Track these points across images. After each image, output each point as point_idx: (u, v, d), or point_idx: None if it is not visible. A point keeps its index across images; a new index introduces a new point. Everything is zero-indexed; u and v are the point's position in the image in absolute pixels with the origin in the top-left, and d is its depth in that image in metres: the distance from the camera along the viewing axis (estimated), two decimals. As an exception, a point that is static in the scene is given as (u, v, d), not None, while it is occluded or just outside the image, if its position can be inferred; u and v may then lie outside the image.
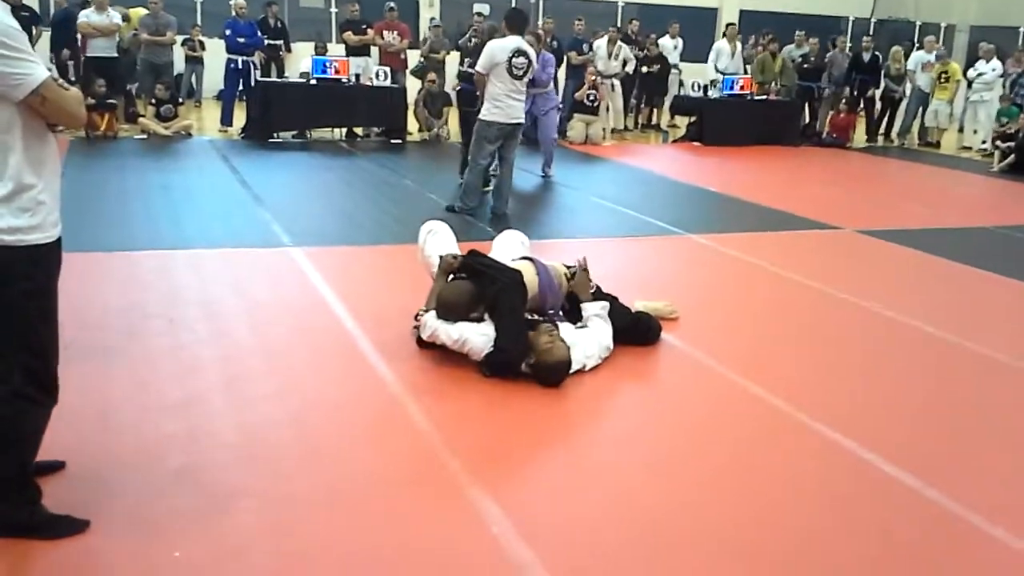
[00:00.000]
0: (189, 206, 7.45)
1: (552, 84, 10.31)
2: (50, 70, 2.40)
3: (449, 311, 4.11)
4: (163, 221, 6.82)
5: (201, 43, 13.37)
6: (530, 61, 7.29)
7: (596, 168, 11.03)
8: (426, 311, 4.21)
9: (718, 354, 4.48)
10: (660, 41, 14.30)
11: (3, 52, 2.22)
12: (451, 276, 4.29)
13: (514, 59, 7.13)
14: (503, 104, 7.23)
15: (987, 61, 13.81)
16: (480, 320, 4.09)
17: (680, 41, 14.47)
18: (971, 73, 13.97)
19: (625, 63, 13.48)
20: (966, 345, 4.88)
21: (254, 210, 7.36)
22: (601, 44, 13.33)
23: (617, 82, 13.39)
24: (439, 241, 4.67)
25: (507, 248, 4.84)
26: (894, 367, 4.54)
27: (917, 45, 14.22)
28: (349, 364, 4.16)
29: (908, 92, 14.15)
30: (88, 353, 3.97)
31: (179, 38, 12.31)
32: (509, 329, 3.98)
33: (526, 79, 7.34)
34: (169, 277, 5.38)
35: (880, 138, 14.29)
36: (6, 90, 2.26)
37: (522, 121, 7.51)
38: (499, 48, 7.18)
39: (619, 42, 13.40)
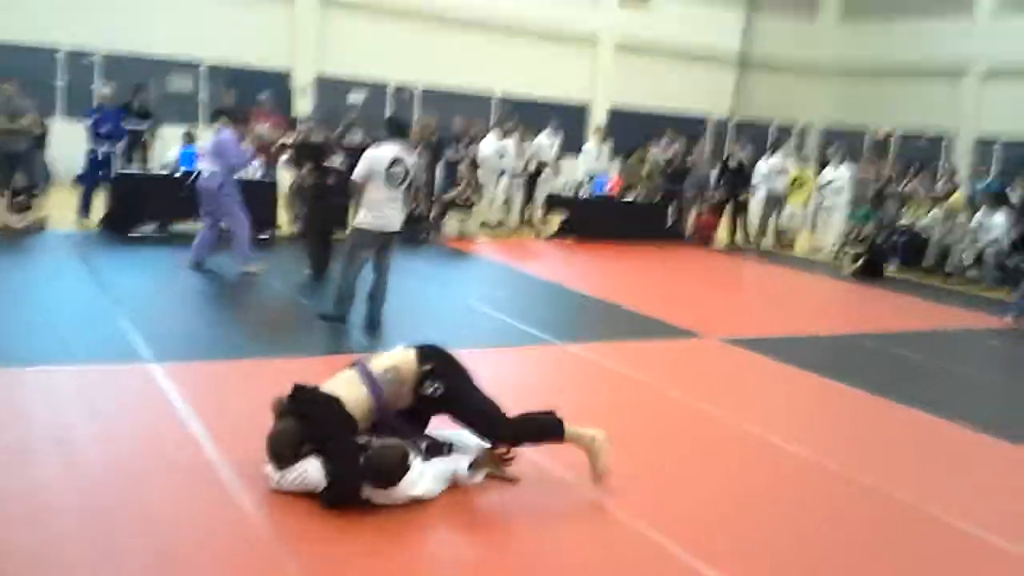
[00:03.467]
0: (41, 315, 7.00)
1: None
2: None
3: (279, 458, 4.04)
4: (10, 332, 6.39)
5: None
6: (407, 169, 7.30)
7: (470, 267, 11.11)
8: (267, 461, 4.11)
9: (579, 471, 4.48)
10: (537, 139, 14.65)
11: None
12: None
13: (392, 168, 7.12)
14: (380, 212, 7.18)
15: (835, 167, 14.70)
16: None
17: (557, 139, 14.87)
18: (821, 179, 14.82)
19: (529, 161, 14.07)
20: (824, 462, 5.06)
21: (112, 318, 6.98)
22: (508, 143, 13.76)
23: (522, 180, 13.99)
24: None
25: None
26: (748, 482, 4.64)
27: (771, 150, 15.03)
28: (215, 504, 3.94)
29: (759, 195, 14.83)
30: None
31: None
32: (334, 456, 3.94)
33: (403, 187, 7.34)
34: (15, 400, 5.02)
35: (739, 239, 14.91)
36: None
37: (398, 229, 7.49)
38: (377, 156, 7.17)
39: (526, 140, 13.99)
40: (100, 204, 11.02)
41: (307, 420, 4.07)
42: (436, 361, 4.30)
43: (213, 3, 15.83)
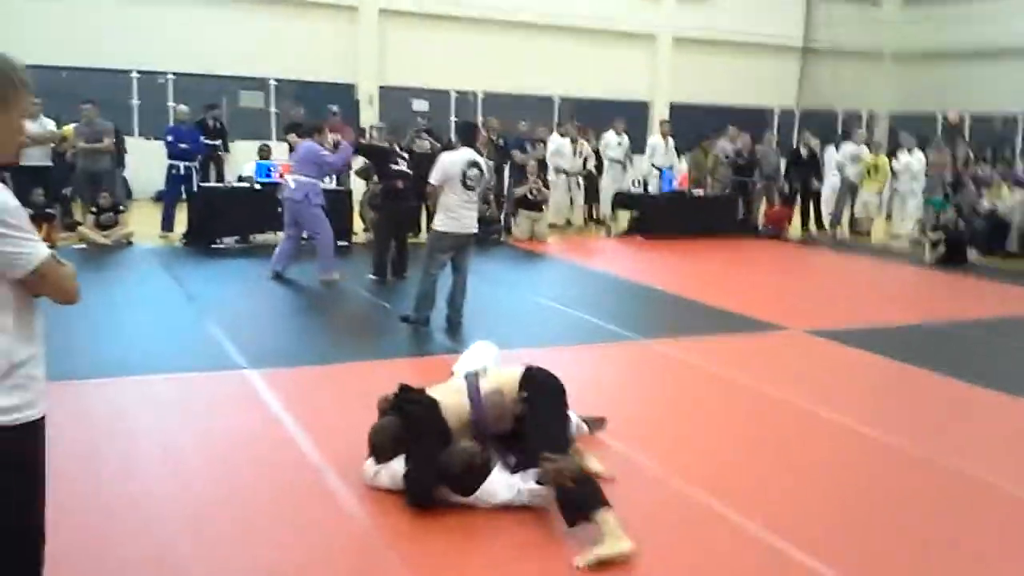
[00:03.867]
0: (134, 326, 7.23)
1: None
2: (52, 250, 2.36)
3: (379, 452, 4.14)
4: (107, 344, 6.61)
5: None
6: (482, 172, 7.41)
7: (543, 267, 11.14)
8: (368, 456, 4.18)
9: (679, 469, 4.45)
10: (604, 136, 14.65)
11: (5, 232, 2.18)
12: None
13: (468, 171, 7.23)
14: (457, 215, 7.28)
15: (908, 153, 14.39)
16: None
17: (625, 137, 14.85)
18: (896, 164, 14.52)
19: (586, 160, 13.97)
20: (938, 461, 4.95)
21: (203, 328, 7.18)
22: (564, 143, 13.72)
23: (580, 179, 13.90)
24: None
25: (469, 362, 4.79)
26: (841, 474, 4.56)
27: (843, 136, 14.79)
28: (319, 507, 4.01)
29: (831, 184, 14.59)
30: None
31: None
32: (414, 457, 4.00)
33: (478, 190, 7.43)
34: (118, 410, 5.19)
35: (812, 229, 14.70)
36: (7, 269, 2.22)
37: (475, 231, 7.57)
38: (452, 160, 7.27)
39: (580, 139, 13.85)
40: (182, 218, 11.32)
41: (405, 419, 4.15)
42: (533, 389, 4.23)
43: (278, 21, 16.16)
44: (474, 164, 7.30)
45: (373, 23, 17.02)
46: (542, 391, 4.26)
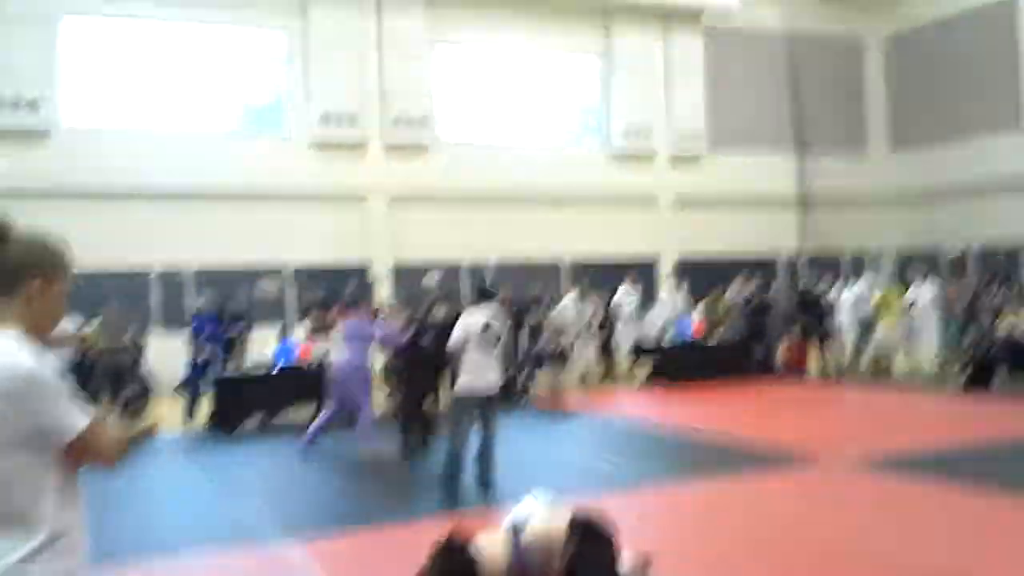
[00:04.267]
0: (162, 510, 7.21)
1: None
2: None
3: None
4: (137, 528, 6.53)
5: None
6: (500, 331, 7.49)
7: (565, 423, 11.06)
8: None
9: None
10: (618, 291, 14.95)
11: (45, 402, 2.21)
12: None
13: (486, 331, 7.32)
14: (479, 374, 7.31)
15: (918, 286, 14.56)
16: None
17: (637, 293, 15.11)
18: (906, 300, 14.66)
19: (594, 317, 14.23)
20: None
21: (228, 506, 7.10)
22: (570, 302, 14.07)
23: (587, 333, 14.05)
24: None
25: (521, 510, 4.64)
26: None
27: (850, 278, 15.02)
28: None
29: (846, 323, 14.67)
30: None
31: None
32: None
33: (497, 348, 7.48)
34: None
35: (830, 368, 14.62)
36: (52, 436, 2.22)
37: (497, 389, 7.58)
38: (471, 322, 7.40)
39: (588, 295, 14.19)
40: (203, 406, 11.35)
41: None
42: (583, 537, 4.07)
43: (292, 213, 16.79)
44: (491, 324, 7.42)
45: (383, 208, 17.67)
46: (593, 536, 4.10)
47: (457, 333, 7.40)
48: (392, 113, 17.57)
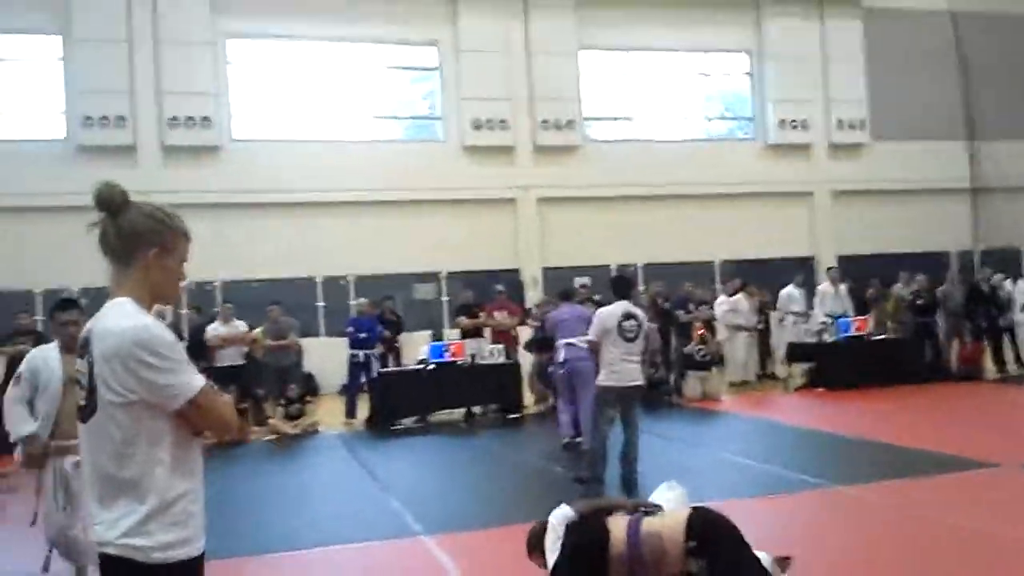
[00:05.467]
0: (321, 503, 7.51)
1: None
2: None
3: (529, 546, 4.22)
4: (297, 520, 6.83)
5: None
6: (640, 323, 7.39)
7: (719, 423, 10.81)
8: None
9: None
10: (785, 291, 14.64)
11: (161, 364, 2.23)
12: None
13: (624, 323, 7.24)
14: (618, 368, 7.26)
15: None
16: None
17: (803, 290, 14.65)
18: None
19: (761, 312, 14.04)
20: None
21: (384, 500, 7.35)
22: (740, 300, 13.84)
23: (743, 332, 13.76)
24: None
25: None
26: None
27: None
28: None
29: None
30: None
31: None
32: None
33: (639, 341, 7.39)
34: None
35: (1014, 366, 13.65)
36: (162, 400, 2.24)
37: (639, 383, 7.48)
38: (608, 314, 7.34)
39: (739, 291, 13.97)
40: (364, 405, 11.80)
41: (566, 537, 4.08)
42: (703, 535, 3.87)
43: (446, 219, 17.19)
44: (630, 316, 7.32)
45: (532, 211, 17.83)
46: (714, 532, 3.90)
47: (595, 326, 7.36)
48: (540, 116, 17.70)
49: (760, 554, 4.09)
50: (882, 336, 13.39)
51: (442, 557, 5.59)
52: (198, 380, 2.30)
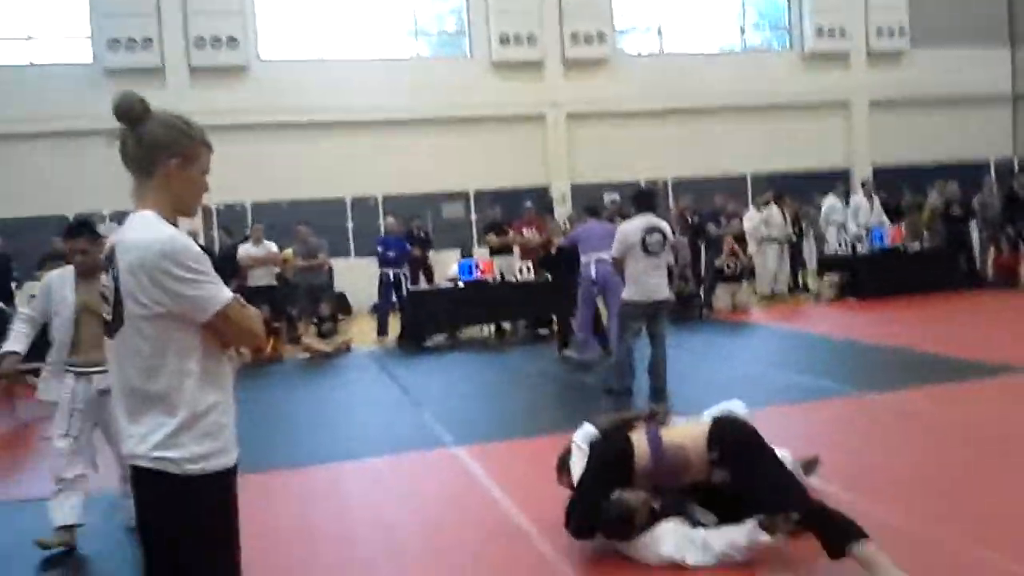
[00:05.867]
0: (354, 418, 7.67)
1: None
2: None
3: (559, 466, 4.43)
4: (331, 435, 6.98)
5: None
6: (665, 236, 7.29)
7: (749, 335, 10.79)
8: None
9: (929, 516, 4.05)
10: (827, 202, 14.51)
11: (188, 275, 2.21)
12: None
13: (647, 237, 7.14)
14: (643, 282, 7.19)
15: None
16: None
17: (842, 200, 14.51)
18: None
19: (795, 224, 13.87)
20: None
21: (415, 414, 7.46)
22: (774, 212, 13.66)
23: (775, 245, 13.63)
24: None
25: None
26: None
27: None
28: (524, 559, 3.99)
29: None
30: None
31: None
32: (579, 489, 4.10)
33: (664, 255, 7.30)
34: (339, 492, 5.43)
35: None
36: (191, 312, 2.24)
37: (666, 297, 7.44)
38: (631, 229, 7.23)
39: (771, 203, 13.78)
40: (395, 323, 11.91)
41: (592, 449, 4.22)
42: (725, 445, 3.90)
43: (473, 137, 17.05)
44: (653, 230, 7.19)
45: (561, 127, 17.61)
46: (736, 442, 3.93)
47: (617, 242, 7.26)
48: (570, 29, 17.31)
49: (783, 453, 4.12)
50: (916, 246, 13.17)
51: (472, 466, 5.68)
52: (226, 292, 2.29)
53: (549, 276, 11.09)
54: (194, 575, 2.36)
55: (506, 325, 12.12)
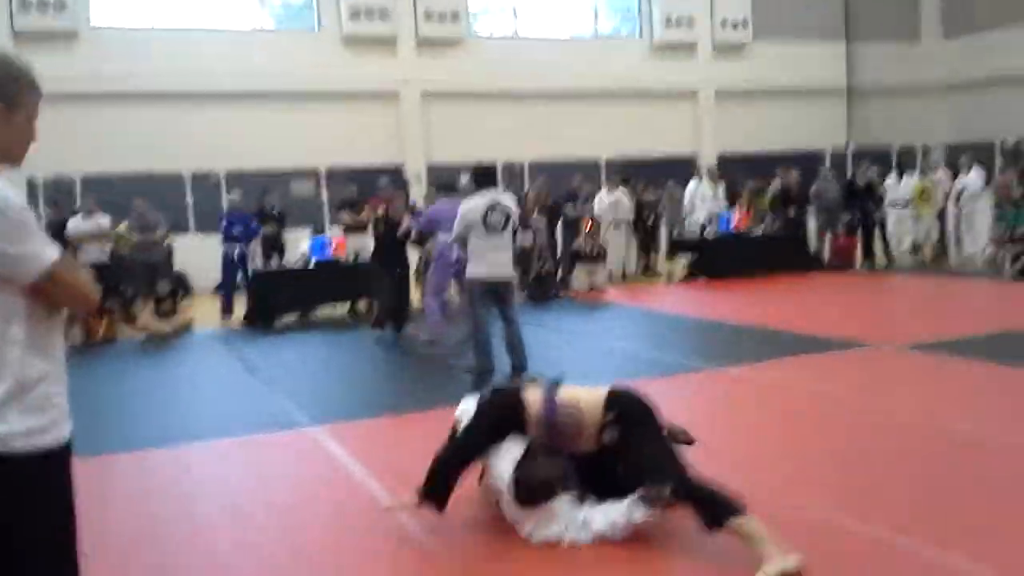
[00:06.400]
0: (199, 398, 7.17)
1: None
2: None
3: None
4: (174, 416, 6.46)
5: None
6: (508, 213, 7.02)
7: (606, 315, 10.86)
8: None
9: (784, 481, 4.07)
10: (690, 187, 14.93)
11: (7, 228, 1.96)
12: None
13: (489, 215, 6.88)
14: (486, 259, 6.93)
15: (966, 173, 14.14)
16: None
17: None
18: (956, 187, 14.22)
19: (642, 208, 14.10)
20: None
21: (266, 395, 7.03)
22: (620, 195, 13.89)
23: (623, 227, 13.78)
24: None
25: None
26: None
27: (899, 171, 14.61)
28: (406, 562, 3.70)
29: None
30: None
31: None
32: (456, 439, 3.99)
33: (507, 232, 7.06)
34: (186, 476, 5.00)
35: (882, 258, 14.24)
36: (14, 272, 1.98)
37: (510, 276, 7.27)
38: (471, 207, 6.94)
39: (619, 187, 13.92)
40: (241, 304, 11.28)
41: (479, 404, 4.09)
42: (623, 407, 3.85)
43: (324, 113, 16.44)
44: (495, 206, 6.93)
45: (416, 106, 17.26)
46: (632, 409, 3.87)
47: (458, 223, 6.97)
48: (423, 7, 16.98)
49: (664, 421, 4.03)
50: (759, 231, 13.68)
51: (330, 444, 5.37)
52: (52, 250, 2.04)
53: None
54: (29, 567, 2.07)
55: (361, 305, 11.71)
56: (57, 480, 2.12)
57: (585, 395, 3.94)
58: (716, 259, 13.01)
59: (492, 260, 6.94)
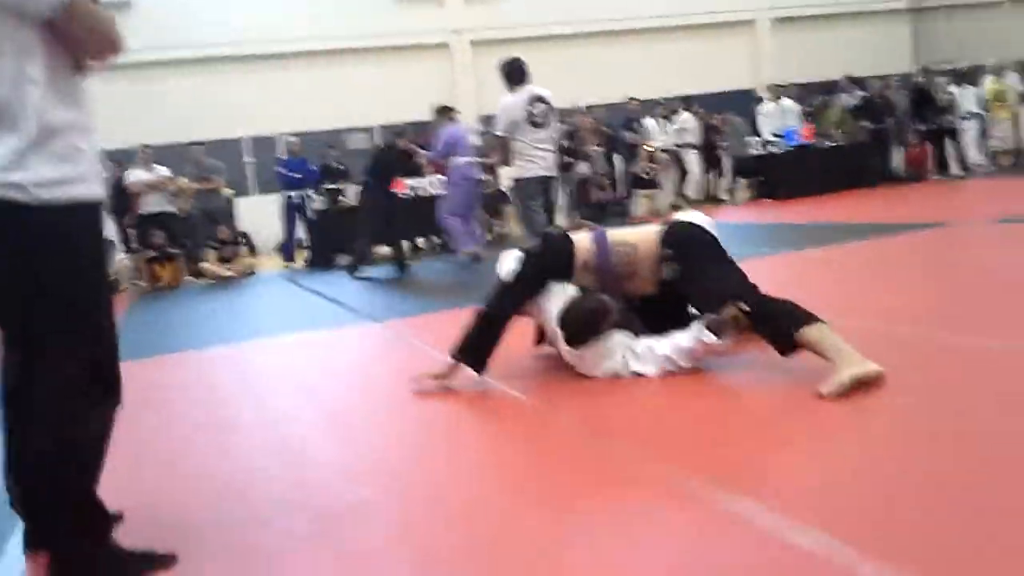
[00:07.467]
0: (267, 311, 7.41)
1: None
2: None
3: None
4: (241, 323, 6.51)
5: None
6: (551, 106, 6.79)
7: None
8: None
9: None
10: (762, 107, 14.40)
11: None
12: None
13: (532, 108, 6.61)
14: (532, 156, 6.65)
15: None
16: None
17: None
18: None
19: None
20: None
21: (331, 306, 7.03)
22: (689, 118, 13.60)
23: (690, 152, 13.42)
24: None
25: None
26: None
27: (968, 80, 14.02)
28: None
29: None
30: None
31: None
32: (503, 282, 3.77)
33: (550, 129, 6.79)
34: (277, 362, 5.01)
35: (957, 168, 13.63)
36: (23, 5, 1.85)
37: (554, 173, 7.07)
38: (513, 103, 6.68)
39: (681, 111, 13.60)
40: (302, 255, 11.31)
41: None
42: (680, 241, 3.61)
43: (375, 68, 16.42)
44: (538, 99, 6.66)
45: (467, 56, 17.11)
46: (689, 240, 3.64)
47: (501, 119, 6.71)
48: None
49: None
50: (827, 144, 13.16)
51: (406, 333, 5.36)
52: None
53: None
54: (50, 322, 1.94)
55: (420, 241, 11.66)
56: (88, 234, 2.00)
57: (637, 234, 3.76)
58: (783, 178, 12.53)
59: (538, 157, 6.69)
